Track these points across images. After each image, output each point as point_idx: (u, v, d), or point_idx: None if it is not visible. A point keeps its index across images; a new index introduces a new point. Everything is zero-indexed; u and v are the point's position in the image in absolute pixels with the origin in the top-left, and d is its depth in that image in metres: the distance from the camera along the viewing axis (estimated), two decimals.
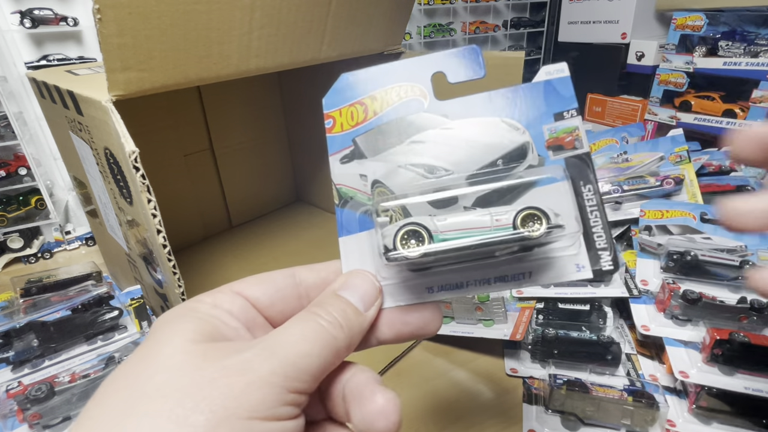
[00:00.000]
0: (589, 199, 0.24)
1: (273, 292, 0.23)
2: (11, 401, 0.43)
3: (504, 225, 0.22)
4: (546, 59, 1.67)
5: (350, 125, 0.25)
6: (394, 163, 0.25)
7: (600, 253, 0.23)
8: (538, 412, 0.50)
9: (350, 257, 0.25)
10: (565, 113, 0.24)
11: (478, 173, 0.24)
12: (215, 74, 0.43)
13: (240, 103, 0.87)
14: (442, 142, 0.25)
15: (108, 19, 0.33)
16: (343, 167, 0.25)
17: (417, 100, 0.25)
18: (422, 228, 0.23)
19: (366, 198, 0.25)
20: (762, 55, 0.94)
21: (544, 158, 0.24)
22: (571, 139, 0.24)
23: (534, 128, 0.24)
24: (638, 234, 0.68)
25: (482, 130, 0.24)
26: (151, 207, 0.38)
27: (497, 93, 0.24)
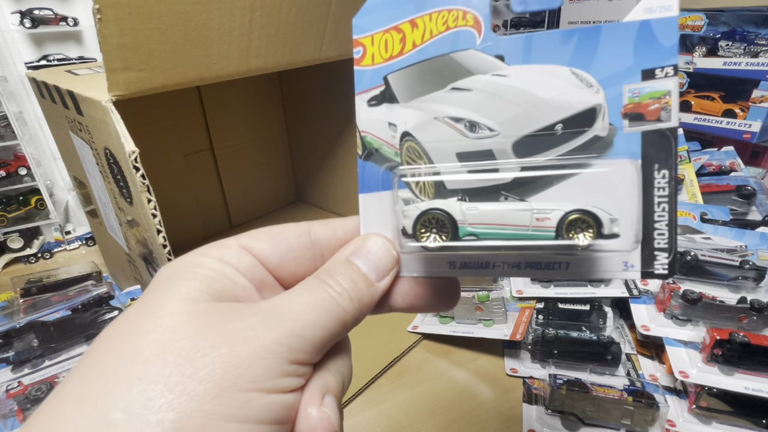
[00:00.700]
0: (661, 188, 0.19)
1: (284, 252, 0.21)
2: (11, 401, 0.43)
3: (546, 228, 0.19)
4: None
5: (383, 58, 0.21)
6: (430, 113, 0.21)
7: (656, 254, 0.19)
8: (538, 412, 0.50)
9: (369, 217, 0.22)
10: (657, 71, 0.18)
11: (528, 139, 0.20)
12: (215, 74, 0.43)
13: (240, 103, 0.87)
14: (492, 93, 0.20)
15: (108, 19, 0.33)
16: (370, 111, 0.22)
17: (468, 33, 0.20)
18: (447, 217, 0.20)
19: (393, 152, 0.21)
20: (762, 55, 0.94)
21: (616, 129, 0.19)
22: (658, 107, 0.18)
23: (611, 87, 0.19)
24: None
25: (545, 82, 0.19)
26: (151, 207, 0.38)
27: (572, 33, 0.19)
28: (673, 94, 0.18)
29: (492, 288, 0.60)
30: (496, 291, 0.60)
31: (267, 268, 0.21)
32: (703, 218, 0.67)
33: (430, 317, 0.65)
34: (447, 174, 0.20)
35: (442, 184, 0.20)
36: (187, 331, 0.17)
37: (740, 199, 0.75)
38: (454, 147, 0.21)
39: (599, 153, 0.19)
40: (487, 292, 0.59)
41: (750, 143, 0.99)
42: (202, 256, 0.20)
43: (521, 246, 0.19)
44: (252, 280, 0.20)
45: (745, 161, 0.94)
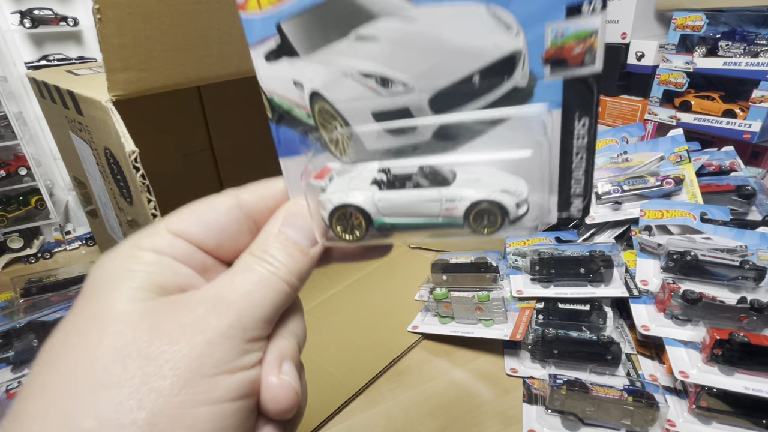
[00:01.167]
0: (581, 136, 0.18)
1: (218, 233, 0.21)
2: (11, 401, 0.43)
3: (454, 216, 0.19)
4: None
5: (271, 2, 0.18)
6: (337, 68, 0.18)
7: (572, 200, 0.19)
8: (538, 412, 0.50)
9: (294, 182, 0.21)
10: (585, 5, 0.15)
11: (445, 92, 0.18)
12: (215, 74, 0.43)
13: (240, 103, 0.87)
14: (402, 41, 0.18)
15: (108, 19, 0.33)
16: (270, 68, 0.19)
17: None
18: (360, 211, 0.20)
19: (305, 114, 0.20)
20: (762, 55, 0.94)
21: (537, 78, 0.17)
22: (582, 50, 0.16)
23: (533, 28, 0.16)
24: (638, 234, 0.68)
25: (459, 26, 0.17)
26: (151, 207, 0.38)
27: None
28: (599, 33, 0.16)
29: (492, 288, 0.60)
30: (496, 291, 0.60)
31: (204, 251, 0.21)
32: (703, 218, 0.67)
33: (430, 317, 0.65)
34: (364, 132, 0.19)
35: (362, 144, 0.20)
36: (140, 332, 0.17)
37: (740, 199, 0.75)
38: (369, 106, 0.19)
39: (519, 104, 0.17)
40: (487, 292, 0.59)
41: (750, 143, 0.99)
42: (135, 249, 0.20)
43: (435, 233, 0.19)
44: (192, 266, 0.20)
45: (745, 161, 0.93)
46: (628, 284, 0.61)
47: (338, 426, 0.51)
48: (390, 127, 0.19)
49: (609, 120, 1.34)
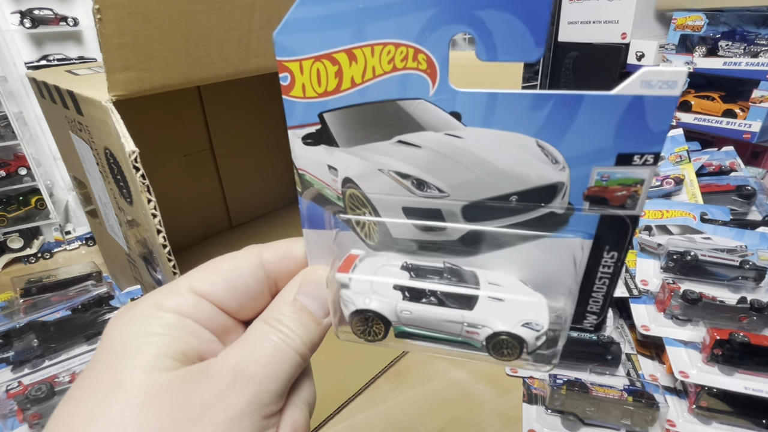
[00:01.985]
0: (607, 266, 0.18)
1: (242, 294, 0.21)
2: (11, 401, 0.43)
3: (474, 340, 0.19)
4: (546, 59, 1.67)
5: (316, 93, 0.18)
6: (374, 164, 0.19)
7: (587, 315, 0.20)
8: (538, 412, 0.50)
9: (315, 251, 0.22)
10: (636, 157, 0.15)
11: (480, 205, 0.18)
12: (215, 74, 0.43)
13: (240, 103, 0.87)
14: (444, 153, 0.17)
15: (108, 19, 0.33)
16: (306, 150, 0.19)
17: (420, 78, 0.16)
18: (382, 319, 0.20)
19: (335, 196, 0.20)
20: (762, 55, 0.94)
21: (574, 209, 0.17)
22: (625, 194, 0.16)
23: (579, 167, 0.16)
24: (638, 234, 0.68)
25: (505, 151, 0.17)
26: (151, 207, 0.38)
27: (548, 97, 0.16)
28: (645, 183, 0.16)
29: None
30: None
31: (227, 312, 0.21)
32: (703, 218, 0.67)
33: None
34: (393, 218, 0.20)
35: (388, 231, 0.20)
36: (161, 408, 0.16)
37: (740, 199, 0.75)
38: (400, 201, 0.19)
39: (552, 229, 0.18)
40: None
41: (750, 143, 0.99)
42: (157, 309, 0.19)
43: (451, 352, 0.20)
44: (214, 330, 0.20)
45: (745, 161, 0.94)
46: (628, 284, 0.61)
47: (338, 426, 0.51)
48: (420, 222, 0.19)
49: None
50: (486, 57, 0.15)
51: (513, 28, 0.15)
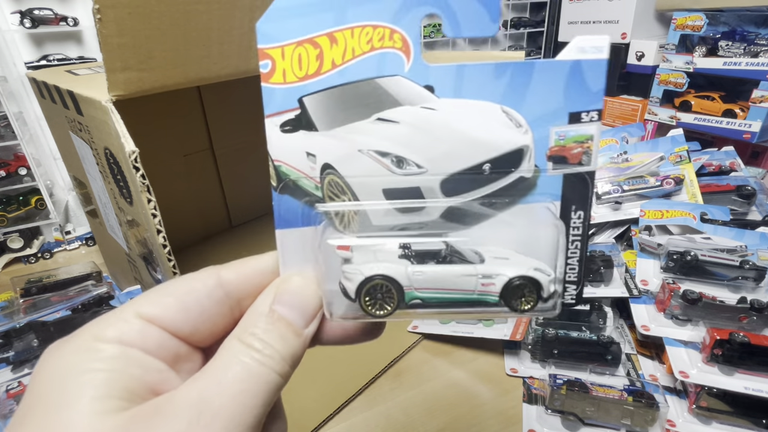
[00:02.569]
0: (576, 227, 0.19)
1: (196, 316, 0.19)
2: (11, 401, 0.43)
3: (490, 293, 0.19)
4: None
5: (297, 77, 0.18)
6: (354, 145, 0.19)
7: (567, 286, 0.20)
8: (538, 412, 0.50)
9: (288, 255, 0.20)
10: (584, 114, 0.18)
11: (455, 177, 0.19)
12: (215, 74, 0.43)
13: (240, 103, 0.87)
14: (420, 127, 0.19)
15: (108, 19, 0.33)
16: (284, 138, 0.19)
17: (395, 56, 0.18)
18: (392, 283, 0.19)
19: (313, 185, 0.19)
20: (762, 55, 0.94)
21: (540, 171, 0.19)
22: (580, 150, 0.18)
23: (540, 128, 0.18)
24: (638, 234, 0.68)
25: (474, 119, 0.19)
26: (151, 207, 0.38)
27: (507, 66, 0.18)
28: (595, 138, 0.18)
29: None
30: None
31: (179, 338, 0.18)
32: (703, 218, 0.67)
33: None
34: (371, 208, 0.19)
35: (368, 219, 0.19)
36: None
37: (740, 199, 0.75)
38: (381, 183, 0.19)
39: (523, 194, 0.19)
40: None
41: (750, 143, 0.99)
42: (95, 340, 0.17)
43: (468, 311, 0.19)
44: (165, 358, 0.18)
45: (745, 161, 0.94)
46: (628, 284, 0.61)
47: (338, 426, 0.51)
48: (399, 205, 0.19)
49: (609, 120, 1.34)
50: (452, 33, 0.18)
51: (472, 8, 0.17)
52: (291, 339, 0.18)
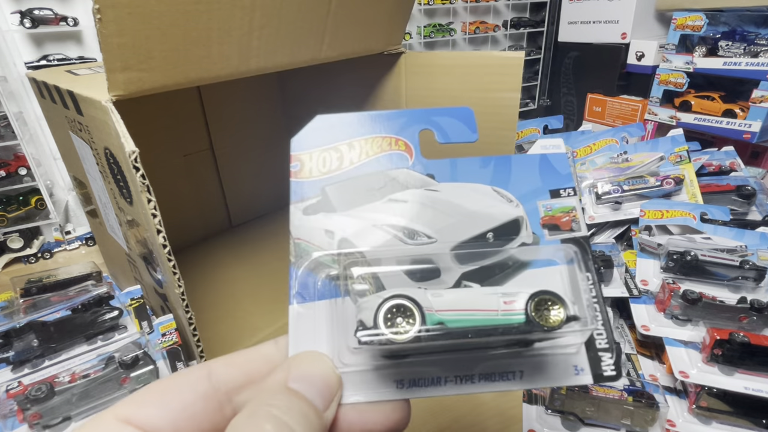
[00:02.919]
0: (588, 289, 0.20)
1: (178, 413, 0.17)
2: (11, 401, 0.43)
3: (515, 311, 0.18)
4: (546, 59, 1.67)
5: (321, 172, 0.22)
6: (369, 221, 0.21)
7: (601, 355, 0.20)
8: (538, 412, 0.50)
9: (302, 332, 0.20)
10: (561, 191, 0.22)
11: (464, 245, 0.21)
12: (215, 74, 0.43)
13: (240, 103, 0.87)
14: (427, 205, 0.21)
15: (108, 19, 0.33)
16: (305, 219, 0.22)
17: (401, 155, 0.22)
18: (414, 304, 0.18)
19: (330, 259, 0.21)
20: (762, 55, 0.94)
21: (539, 237, 0.21)
22: (568, 219, 0.21)
23: (528, 202, 0.22)
24: (638, 234, 0.68)
25: (472, 198, 0.22)
26: (151, 207, 0.38)
27: (490, 159, 0.22)
28: (578, 208, 0.21)
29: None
30: None
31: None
32: (703, 218, 0.67)
33: None
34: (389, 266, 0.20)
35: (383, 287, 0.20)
36: None
37: (740, 199, 0.75)
38: (395, 253, 0.21)
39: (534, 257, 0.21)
40: None
41: (750, 143, 0.99)
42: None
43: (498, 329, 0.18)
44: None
45: (745, 161, 0.94)
46: (628, 284, 0.61)
47: None
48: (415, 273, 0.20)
49: (609, 120, 1.34)
50: (442, 140, 0.22)
51: (456, 125, 0.22)
52: (314, 420, 0.16)
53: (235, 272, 0.78)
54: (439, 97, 0.59)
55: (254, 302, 0.69)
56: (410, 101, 0.64)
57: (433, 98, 0.60)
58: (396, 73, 0.63)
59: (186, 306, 0.42)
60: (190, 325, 0.44)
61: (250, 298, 0.71)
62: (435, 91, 0.59)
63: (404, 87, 0.63)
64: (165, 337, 0.48)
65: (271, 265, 0.79)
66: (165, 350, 0.48)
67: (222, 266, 0.80)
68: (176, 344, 0.48)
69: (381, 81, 0.66)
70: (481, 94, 0.55)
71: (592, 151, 0.87)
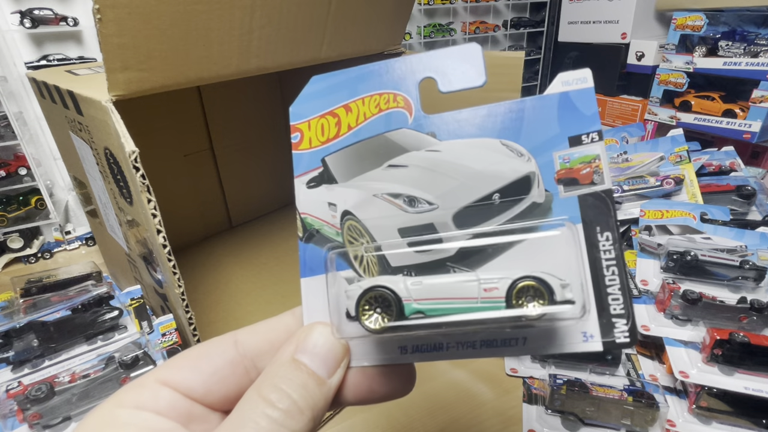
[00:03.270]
0: (606, 250, 0.18)
1: (209, 377, 0.19)
2: (11, 401, 0.43)
3: (495, 298, 0.18)
4: (546, 59, 1.67)
5: (320, 141, 0.22)
6: (369, 191, 0.21)
7: (614, 321, 0.18)
8: (538, 412, 0.50)
9: (313, 304, 0.21)
10: (584, 137, 0.19)
11: (467, 210, 0.20)
12: (215, 74, 0.43)
13: (240, 103, 0.87)
14: (428, 168, 0.20)
15: (108, 19, 0.33)
16: (309, 193, 0.22)
17: (400, 113, 0.21)
18: (391, 294, 0.19)
19: (334, 232, 0.21)
20: (762, 55, 0.94)
21: (553, 194, 0.19)
22: (590, 170, 0.18)
23: (542, 155, 0.19)
24: (638, 234, 0.68)
25: (477, 155, 0.20)
26: (151, 207, 0.38)
27: (498, 107, 0.20)
28: (602, 157, 0.18)
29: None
30: None
31: (192, 398, 0.19)
32: (703, 218, 0.67)
33: None
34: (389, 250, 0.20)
35: (387, 261, 0.20)
36: None
37: (740, 199, 0.75)
38: (395, 223, 0.20)
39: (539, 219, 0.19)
40: None
41: (750, 143, 0.99)
42: (117, 406, 0.18)
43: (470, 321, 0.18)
44: (176, 418, 0.18)
45: (745, 161, 0.94)
46: None
47: (338, 426, 0.51)
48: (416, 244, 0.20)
49: (609, 120, 1.34)
50: (446, 88, 0.20)
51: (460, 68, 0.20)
52: (313, 389, 0.18)
53: (235, 272, 0.78)
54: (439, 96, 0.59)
55: (254, 302, 0.70)
56: None
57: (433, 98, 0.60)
58: None
59: (186, 306, 0.42)
60: (190, 325, 0.44)
61: (250, 298, 0.71)
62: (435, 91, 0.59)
63: None
64: (165, 337, 0.48)
65: (271, 265, 0.79)
66: (165, 350, 0.48)
67: (222, 266, 0.80)
68: (176, 344, 0.48)
69: None
70: (481, 94, 0.55)
71: None
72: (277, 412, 0.17)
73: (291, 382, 0.18)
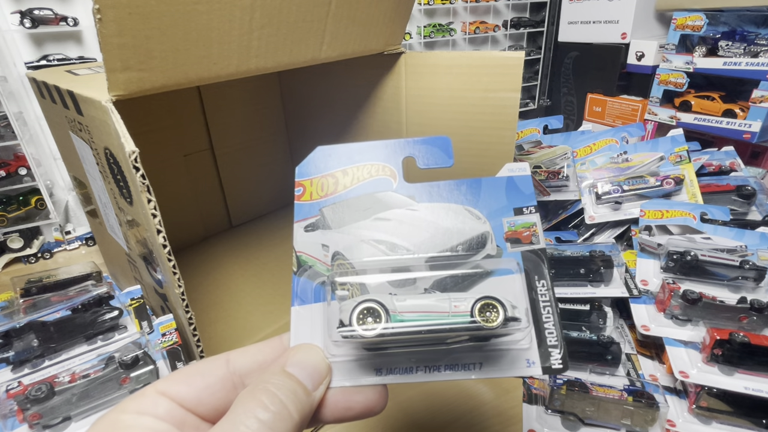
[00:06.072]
0: (543, 294, 0.24)
1: (200, 390, 0.22)
2: (11, 401, 0.43)
3: (462, 312, 0.22)
4: (546, 59, 1.67)
5: (319, 195, 0.26)
6: (358, 237, 0.26)
7: (551, 351, 0.23)
8: (538, 412, 0.50)
9: (300, 329, 0.24)
10: (524, 209, 0.25)
11: (437, 256, 0.25)
12: (215, 74, 0.43)
13: (240, 103, 0.87)
14: (407, 222, 0.26)
15: (108, 19, 0.33)
16: (306, 235, 0.26)
17: (386, 180, 0.26)
18: (381, 306, 0.23)
19: (325, 269, 0.25)
20: (762, 55, 0.94)
21: (502, 249, 0.25)
22: (529, 233, 0.25)
23: (494, 219, 0.25)
24: (638, 234, 0.68)
25: (445, 215, 0.26)
26: (151, 207, 0.38)
27: (462, 182, 0.26)
28: (538, 224, 0.25)
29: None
30: None
31: (186, 408, 0.21)
32: (703, 218, 0.67)
33: None
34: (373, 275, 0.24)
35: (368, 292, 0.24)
36: None
37: (740, 199, 0.75)
38: (378, 264, 0.25)
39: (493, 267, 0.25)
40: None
41: (750, 143, 0.99)
42: (121, 412, 0.20)
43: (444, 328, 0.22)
44: (172, 422, 0.20)
45: (745, 161, 0.94)
46: (628, 284, 0.61)
47: (338, 426, 0.51)
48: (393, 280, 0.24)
49: (609, 120, 1.34)
50: (423, 165, 0.26)
51: (434, 152, 0.27)
52: (302, 396, 0.20)
53: (235, 272, 0.78)
54: (439, 97, 0.59)
55: (254, 302, 0.69)
56: (410, 101, 0.64)
57: (432, 98, 0.60)
58: (396, 73, 0.63)
59: (186, 306, 0.42)
60: (190, 325, 0.44)
61: (250, 298, 0.71)
62: (435, 91, 0.59)
63: (404, 87, 0.63)
64: (165, 337, 0.48)
65: (271, 265, 0.79)
66: (165, 350, 0.48)
67: (222, 266, 0.80)
68: (176, 344, 0.48)
69: (381, 81, 0.66)
70: (481, 94, 0.55)
71: (592, 151, 0.87)
72: (268, 414, 0.19)
73: (282, 387, 0.20)
